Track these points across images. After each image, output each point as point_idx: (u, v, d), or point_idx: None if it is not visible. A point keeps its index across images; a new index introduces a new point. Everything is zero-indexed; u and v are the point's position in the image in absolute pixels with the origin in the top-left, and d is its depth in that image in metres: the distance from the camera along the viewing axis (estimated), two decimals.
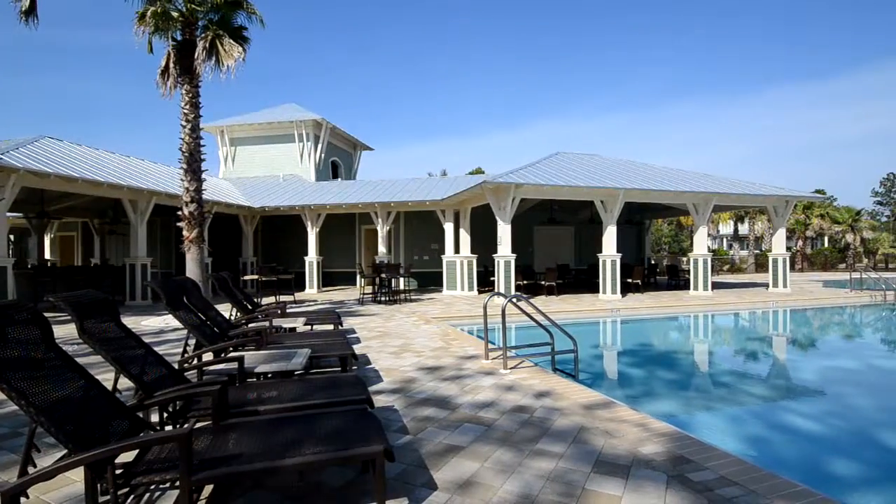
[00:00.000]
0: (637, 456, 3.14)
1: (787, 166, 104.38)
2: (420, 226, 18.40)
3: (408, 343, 7.27)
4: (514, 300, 6.19)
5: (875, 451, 4.24)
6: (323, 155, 22.11)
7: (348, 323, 9.26)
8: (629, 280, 15.23)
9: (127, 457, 2.28)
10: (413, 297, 14.12)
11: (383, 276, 13.11)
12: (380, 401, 4.34)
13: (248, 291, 14.35)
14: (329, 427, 2.59)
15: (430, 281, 18.20)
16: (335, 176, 24.05)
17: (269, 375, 3.92)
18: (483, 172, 34.02)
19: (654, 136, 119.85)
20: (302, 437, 2.44)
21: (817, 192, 33.53)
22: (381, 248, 16.51)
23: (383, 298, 13.22)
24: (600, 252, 13.85)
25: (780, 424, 4.90)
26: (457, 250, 16.04)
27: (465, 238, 15.72)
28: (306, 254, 17.03)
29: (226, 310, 8.51)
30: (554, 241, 20.20)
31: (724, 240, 49.78)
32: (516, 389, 4.71)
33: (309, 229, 16.95)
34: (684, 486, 2.72)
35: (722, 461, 3.03)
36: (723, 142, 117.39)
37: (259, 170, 22.03)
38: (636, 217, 21.25)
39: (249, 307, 7.67)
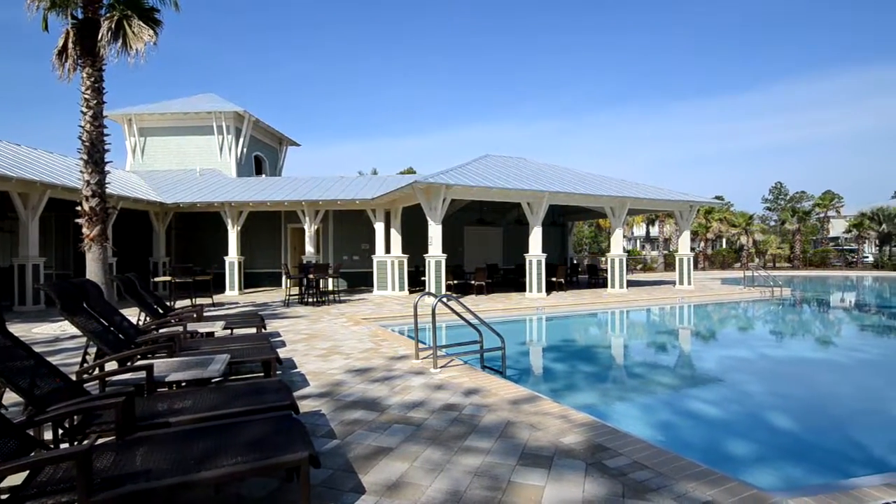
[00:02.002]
0: (559, 447, 3.29)
1: (691, 173, 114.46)
2: (350, 225, 18.05)
3: (336, 345, 7.10)
4: (445, 300, 6.25)
5: (765, 431, 4.75)
6: (245, 149, 21.03)
7: (273, 326, 8.88)
8: (553, 279, 15.95)
9: (15, 479, 2.03)
10: (342, 298, 13.82)
11: (311, 276, 12.69)
12: (306, 406, 4.21)
13: (160, 294, 13.30)
14: (250, 435, 2.47)
15: (361, 281, 17.91)
16: (259, 172, 22.96)
17: (183, 384, 3.67)
18: (414, 172, 34.07)
19: (575, 142, 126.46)
20: (219, 448, 2.31)
21: (717, 198, 36.98)
22: (309, 248, 15.99)
23: (311, 300, 12.82)
24: (527, 252, 14.35)
25: (686, 410, 5.35)
26: (388, 250, 15.91)
27: (395, 238, 15.63)
28: (226, 253, 16.10)
29: (134, 315, 7.85)
30: (483, 242, 20.65)
31: (638, 241, 53.52)
32: (446, 388, 4.76)
33: (229, 227, 16.03)
34: (601, 472, 2.89)
35: (635, 447, 3.26)
36: (637, 149, 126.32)
37: (172, 163, 20.51)
38: (560, 219, 22.27)
39: (161, 311, 7.12)
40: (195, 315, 6.90)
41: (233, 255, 16.00)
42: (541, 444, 3.35)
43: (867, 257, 34.52)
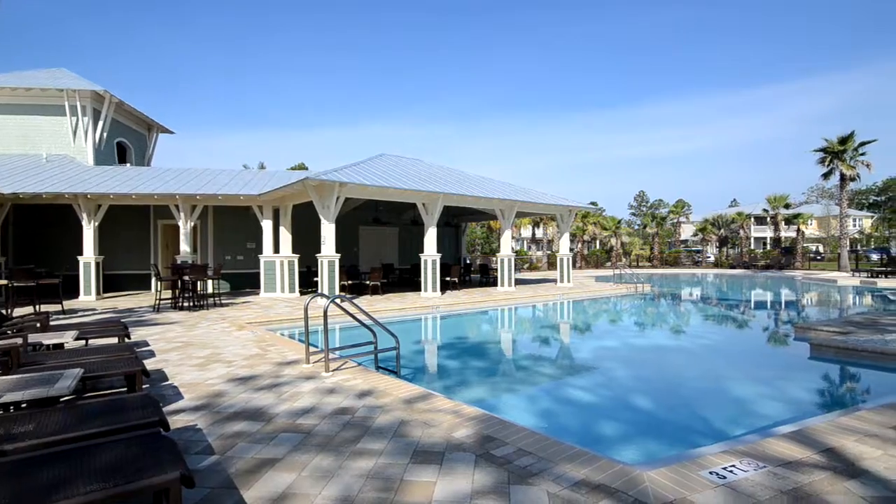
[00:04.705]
0: (450, 441, 3.37)
1: (569, 180, 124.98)
2: (233, 222, 16.78)
3: (216, 353, 6.55)
4: (338, 300, 6.08)
5: (630, 412, 5.32)
6: (105, 134, 18.50)
7: (139, 334, 7.95)
8: (448, 278, 16.35)
9: None
10: (224, 302, 12.80)
11: (186, 278, 11.56)
12: (178, 421, 3.83)
13: None
14: (109, 459, 2.18)
15: (246, 283, 16.74)
16: (123, 161, 20.37)
17: (24, 405, 3.13)
18: (306, 168, 32.73)
19: (467, 144, 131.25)
20: (71, 476, 2.00)
21: (592, 203, 40.71)
22: (184, 247, 14.55)
23: (187, 304, 11.68)
24: (422, 252, 14.53)
25: (565, 397, 5.81)
26: (276, 249, 15.07)
27: (285, 236, 14.86)
28: (81, 253, 14.04)
29: None
30: (379, 241, 20.50)
31: (525, 242, 57.00)
32: (338, 392, 4.64)
33: (84, 223, 13.98)
34: (489, 462, 3.03)
35: (519, 435, 3.46)
36: (521, 155, 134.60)
37: (11, 146, 17.40)
38: (453, 220, 22.89)
39: None
40: (39, 324, 5.93)
41: (88, 255, 13.98)
42: (433, 440, 3.40)
43: (709, 257, 40.40)
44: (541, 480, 2.78)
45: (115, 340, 5.90)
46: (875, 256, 33.81)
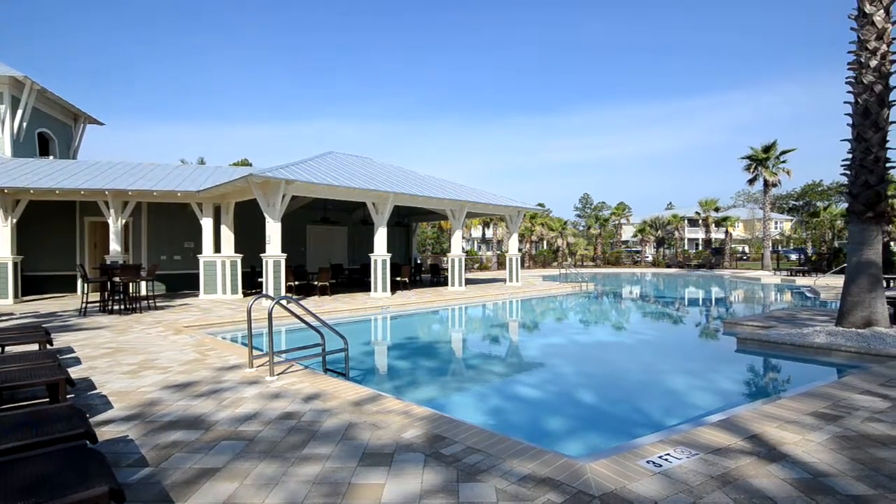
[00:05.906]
0: (400, 442, 3.36)
1: (518, 182, 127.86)
2: (169, 220, 15.89)
3: (150, 359, 6.18)
4: (284, 302, 5.90)
5: (574, 406, 5.51)
6: (25, 123, 17.00)
7: (63, 340, 7.37)
8: (398, 278, 16.25)
9: None
10: (160, 305, 12.10)
11: (116, 279, 10.83)
12: (107, 432, 3.59)
13: None
14: (29, 474, 2.02)
15: (184, 284, 15.92)
16: (45, 153, 18.81)
17: None
18: (250, 164, 31.53)
19: (417, 145, 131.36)
20: None
21: (539, 205, 41.73)
22: (115, 247, 13.61)
23: (117, 307, 10.94)
24: (372, 252, 14.36)
25: (513, 394, 5.93)
26: (217, 249, 14.41)
27: (227, 235, 14.24)
28: None
29: None
30: (328, 241, 20.08)
31: (475, 242, 57.70)
32: (283, 396, 4.50)
33: (0, 220, 12.80)
34: (438, 461, 3.04)
35: (469, 433, 3.50)
36: (474, 156, 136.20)
37: None
38: (404, 220, 22.79)
39: None
40: None
41: (5, 255, 12.80)
42: (382, 442, 3.37)
43: (648, 257, 42.52)
44: (489, 477, 2.82)
45: (35, 347, 5.44)
46: (794, 256, 36.82)
